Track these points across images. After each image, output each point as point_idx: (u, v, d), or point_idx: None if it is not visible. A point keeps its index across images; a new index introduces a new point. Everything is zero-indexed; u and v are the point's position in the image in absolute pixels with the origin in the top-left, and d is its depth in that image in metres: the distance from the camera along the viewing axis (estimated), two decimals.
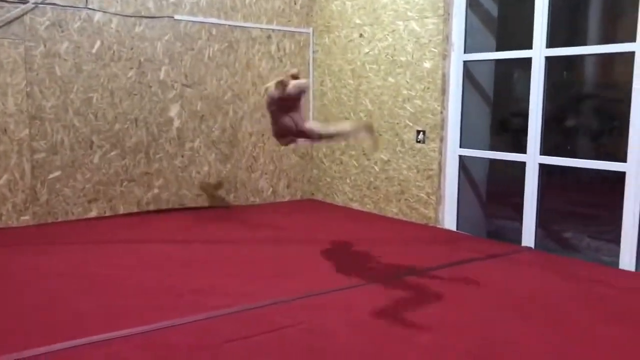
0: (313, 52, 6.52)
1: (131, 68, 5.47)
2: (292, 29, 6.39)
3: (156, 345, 2.72)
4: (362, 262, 4.21)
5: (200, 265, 4.06)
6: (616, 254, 4.18)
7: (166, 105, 5.69)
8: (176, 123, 5.77)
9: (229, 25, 5.98)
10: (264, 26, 6.19)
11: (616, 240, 4.17)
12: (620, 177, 4.10)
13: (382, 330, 2.92)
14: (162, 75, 5.65)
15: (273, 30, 6.26)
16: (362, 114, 5.97)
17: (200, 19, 5.79)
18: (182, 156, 5.84)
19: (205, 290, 3.50)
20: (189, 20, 5.74)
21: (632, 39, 3.96)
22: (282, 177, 6.51)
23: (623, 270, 4.07)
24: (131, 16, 5.42)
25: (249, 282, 3.66)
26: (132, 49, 5.46)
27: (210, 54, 5.91)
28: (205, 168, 6.00)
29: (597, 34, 9.67)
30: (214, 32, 5.90)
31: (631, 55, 3.97)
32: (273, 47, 6.29)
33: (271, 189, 6.48)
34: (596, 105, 10.32)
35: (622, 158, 4.09)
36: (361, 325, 2.98)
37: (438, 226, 5.33)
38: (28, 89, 5.00)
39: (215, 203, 6.07)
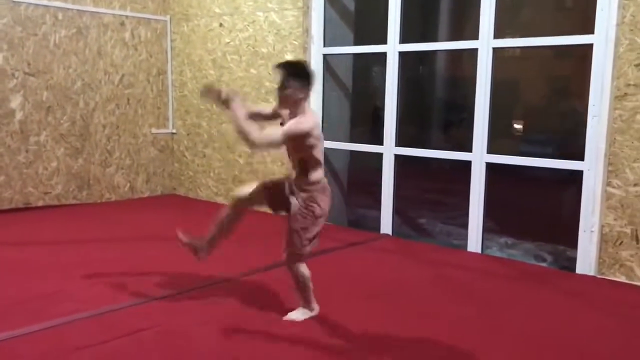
0: (171, 40, 6.27)
1: None
2: (148, 15, 6.08)
3: (2, 357, 2.45)
4: (221, 258, 4.12)
5: (47, 268, 3.73)
6: (465, 238, 4.48)
7: (6, 95, 5.16)
8: (18, 115, 5.26)
9: (77, 9, 5.55)
10: (116, 12, 5.83)
11: (465, 224, 4.48)
12: (467, 165, 4.40)
13: (239, 328, 2.87)
14: (0, 61, 5.11)
15: (127, 16, 5.91)
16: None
17: (44, 2, 5.31)
18: (27, 151, 5.34)
19: (52, 295, 3.22)
20: (31, 3, 5.24)
21: (476, 37, 4.26)
22: (140, 171, 6.20)
23: (470, 253, 4.38)
24: None
25: (101, 285, 3.43)
26: None
27: (57, 40, 5.45)
28: (54, 164, 5.53)
29: (447, 31, 10.37)
30: (60, 16, 5.44)
31: (475, 51, 4.28)
32: (127, 34, 5.95)
33: (129, 185, 6.14)
34: (447, 99, 11.08)
35: (469, 148, 4.39)
36: (219, 325, 2.90)
37: None
38: None
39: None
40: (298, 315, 3.01)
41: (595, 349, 2.73)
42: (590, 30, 3.78)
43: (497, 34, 4.18)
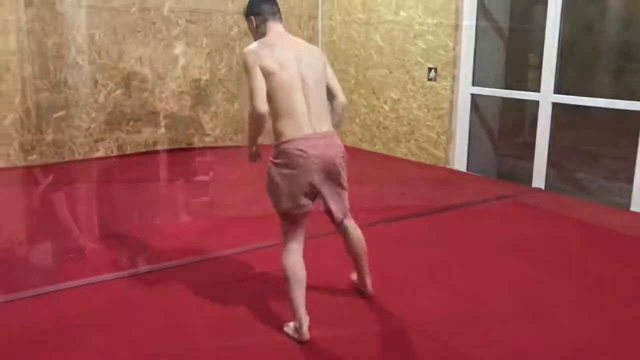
0: None
1: (134, 4, 5.30)
2: None
3: (161, 284, 2.74)
4: (366, 203, 4.17)
5: (203, 204, 4.05)
6: (629, 196, 4.08)
7: (171, 42, 5.55)
8: (181, 61, 5.64)
9: None
10: None
11: (630, 180, 4.06)
12: (637, 116, 3.95)
13: (381, 265, 2.90)
14: (165, 10, 5.48)
15: None
16: (372, 51, 5.79)
17: None
18: (188, 95, 5.74)
19: (208, 231, 3.50)
20: None
21: None
22: None
23: (634, 212, 3.99)
24: None
25: (251, 223, 3.65)
26: None
27: None
28: (212, 108, 5.90)
29: None
30: None
31: None
32: None
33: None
34: (620, 41, 9.92)
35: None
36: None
37: (448, 167, 5.24)
38: (29, 26, 4.88)
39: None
40: (288, 329, 2.33)
41: None
42: None
43: None
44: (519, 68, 7.91)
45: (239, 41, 5.90)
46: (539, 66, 4.57)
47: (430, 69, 5.23)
